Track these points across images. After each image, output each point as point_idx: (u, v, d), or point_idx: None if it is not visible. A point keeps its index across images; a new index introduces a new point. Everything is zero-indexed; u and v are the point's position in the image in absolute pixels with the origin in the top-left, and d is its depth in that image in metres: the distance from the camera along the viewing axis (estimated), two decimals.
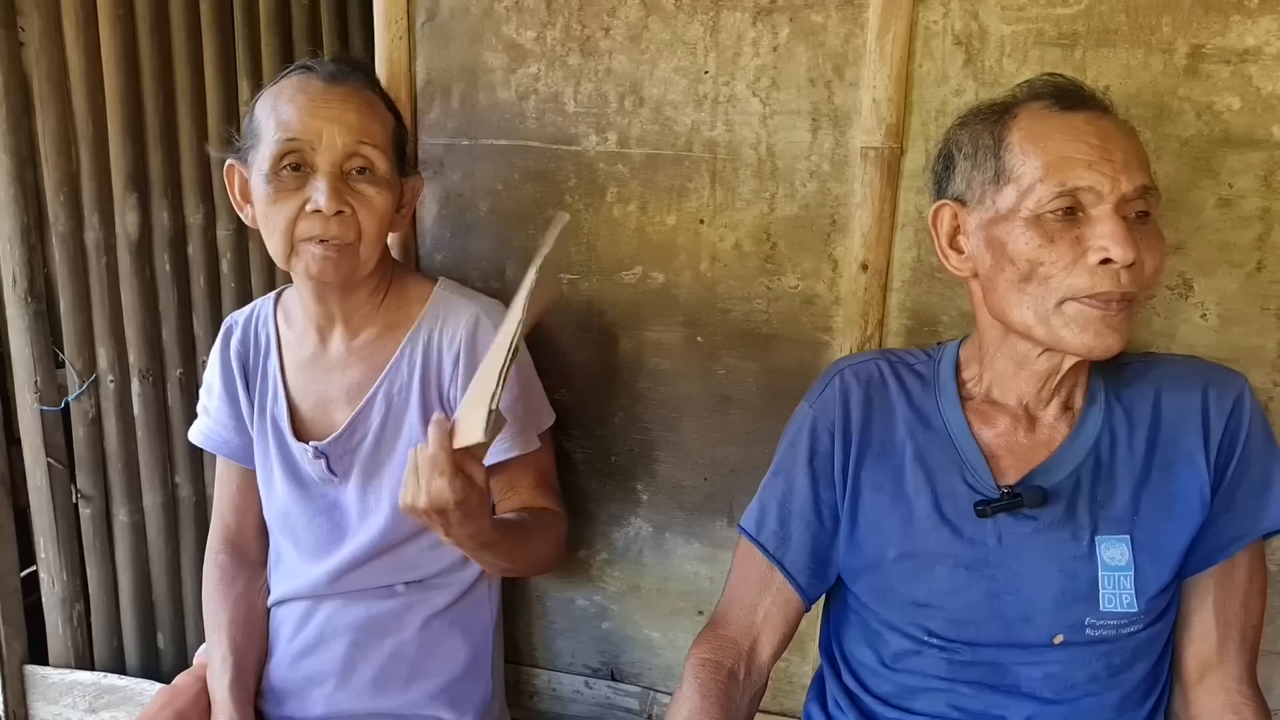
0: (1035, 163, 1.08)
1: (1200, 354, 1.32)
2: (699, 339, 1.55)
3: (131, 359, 2.04)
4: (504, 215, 1.59)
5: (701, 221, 1.51)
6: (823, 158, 1.44)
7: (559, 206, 1.56)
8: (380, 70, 1.58)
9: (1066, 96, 1.12)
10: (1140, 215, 1.09)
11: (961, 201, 1.17)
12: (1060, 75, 1.16)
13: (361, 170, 1.32)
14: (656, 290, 1.55)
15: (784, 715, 1.61)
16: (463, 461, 1.09)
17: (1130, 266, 1.05)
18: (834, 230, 1.46)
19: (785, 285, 1.50)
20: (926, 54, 1.38)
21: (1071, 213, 1.07)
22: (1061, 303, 1.09)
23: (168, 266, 2.08)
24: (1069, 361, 1.15)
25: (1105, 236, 1.05)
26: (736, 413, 1.55)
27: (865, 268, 1.44)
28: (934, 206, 1.20)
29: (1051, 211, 1.08)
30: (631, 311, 1.57)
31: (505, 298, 1.54)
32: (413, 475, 1.11)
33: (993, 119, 1.14)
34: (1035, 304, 1.10)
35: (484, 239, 1.61)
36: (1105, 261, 1.05)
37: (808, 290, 1.49)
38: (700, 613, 1.62)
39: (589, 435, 1.63)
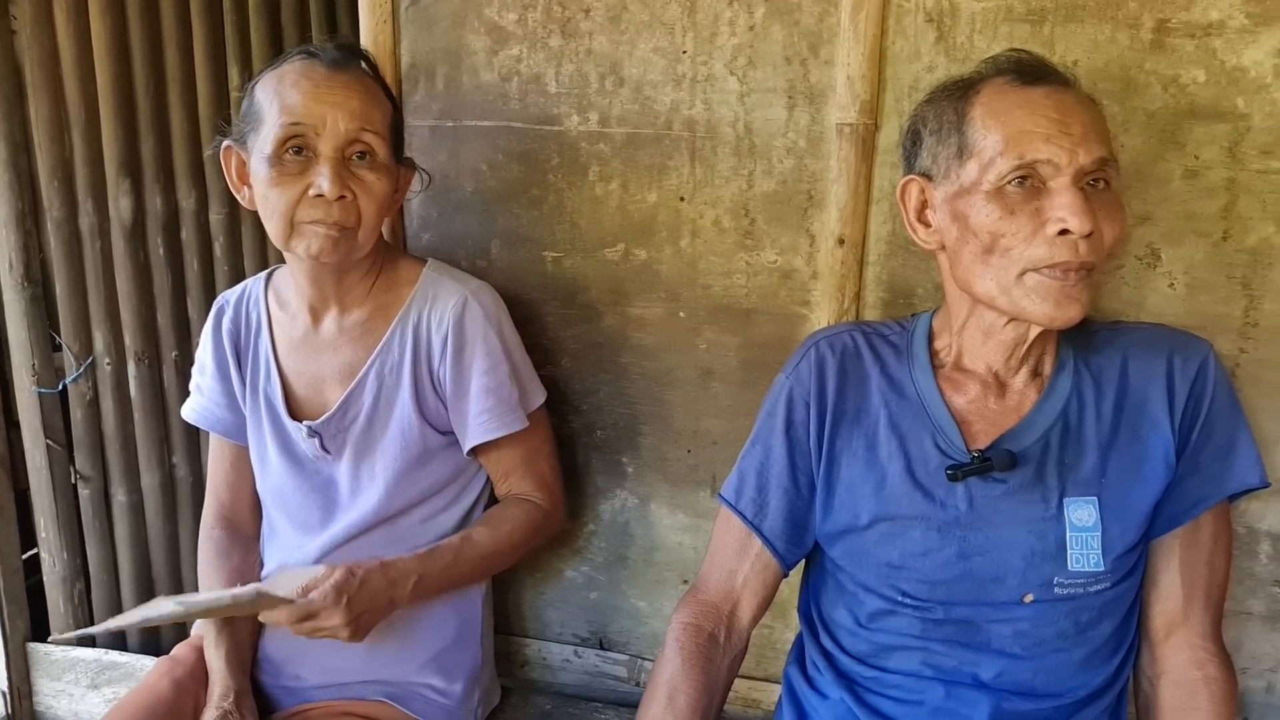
0: (995, 137, 1.11)
1: (1168, 322, 1.35)
2: (681, 314, 1.58)
3: (127, 342, 2.07)
4: (489, 195, 1.62)
5: (682, 199, 1.54)
6: (799, 134, 1.47)
7: (542, 186, 1.59)
8: None
9: (1027, 71, 1.14)
10: (1100, 185, 1.12)
11: (928, 176, 1.20)
12: (1023, 51, 1.18)
13: (362, 155, 1.34)
14: (639, 266, 1.58)
15: (766, 680, 1.65)
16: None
17: (1089, 237, 1.08)
18: (811, 206, 1.49)
19: (764, 260, 1.53)
20: (899, 31, 1.41)
21: (1031, 185, 1.10)
22: (1023, 274, 1.11)
23: (161, 250, 2.10)
24: (1035, 330, 1.18)
25: (1063, 208, 1.08)
26: (718, 385, 1.59)
27: (842, 242, 1.47)
28: (902, 181, 1.23)
29: (1011, 184, 1.10)
30: (615, 288, 1.60)
31: (491, 276, 1.59)
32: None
33: (957, 95, 1.17)
34: (998, 275, 1.13)
35: (469, 218, 1.64)
36: (1064, 232, 1.08)
37: (786, 265, 1.52)
38: (685, 582, 1.66)
39: (575, 410, 1.67)
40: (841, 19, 1.41)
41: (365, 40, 1.61)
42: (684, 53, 1.49)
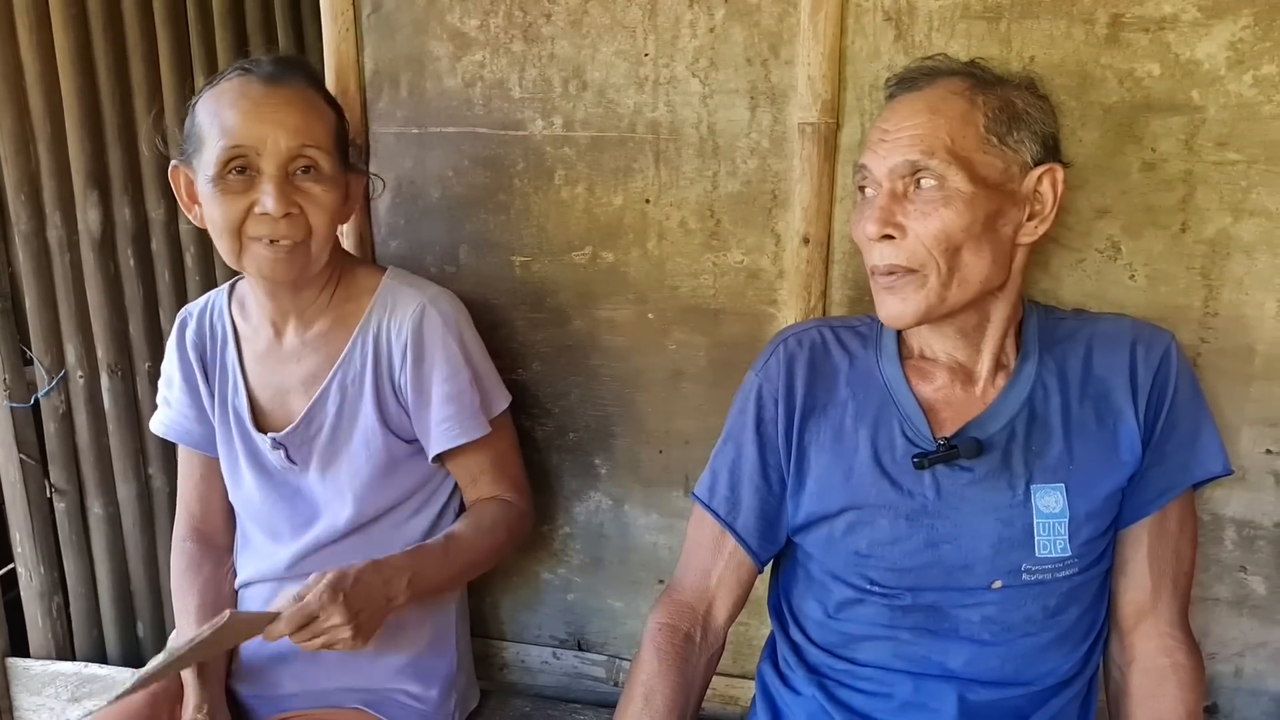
0: None
1: (1130, 314, 1.35)
2: (650, 315, 1.59)
3: (99, 354, 2.07)
4: (455, 201, 1.62)
5: (647, 201, 1.55)
6: (762, 135, 1.48)
7: (508, 190, 1.59)
8: (329, 62, 1.60)
9: (897, 84, 1.22)
10: (921, 185, 1.15)
11: None
12: (925, 58, 1.25)
13: (306, 169, 1.33)
14: (606, 269, 1.59)
15: (743, 677, 1.66)
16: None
17: (888, 239, 1.15)
18: (775, 205, 1.50)
19: (730, 260, 1.53)
20: (858, 30, 1.42)
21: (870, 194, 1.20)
22: (870, 275, 1.21)
23: (131, 262, 2.10)
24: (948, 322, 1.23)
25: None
26: (688, 386, 1.59)
27: (807, 241, 1.47)
28: None
29: (861, 194, 1.22)
30: (583, 291, 1.61)
31: (460, 282, 1.59)
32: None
33: None
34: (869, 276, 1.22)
35: (437, 225, 1.64)
36: (885, 238, 1.16)
37: (752, 265, 1.53)
38: (660, 582, 1.67)
39: (547, 413, 1.67)
40: (801, 19, 1.42)
41: (328, 48, 1.61)
42: (646, 55, 1.50)
